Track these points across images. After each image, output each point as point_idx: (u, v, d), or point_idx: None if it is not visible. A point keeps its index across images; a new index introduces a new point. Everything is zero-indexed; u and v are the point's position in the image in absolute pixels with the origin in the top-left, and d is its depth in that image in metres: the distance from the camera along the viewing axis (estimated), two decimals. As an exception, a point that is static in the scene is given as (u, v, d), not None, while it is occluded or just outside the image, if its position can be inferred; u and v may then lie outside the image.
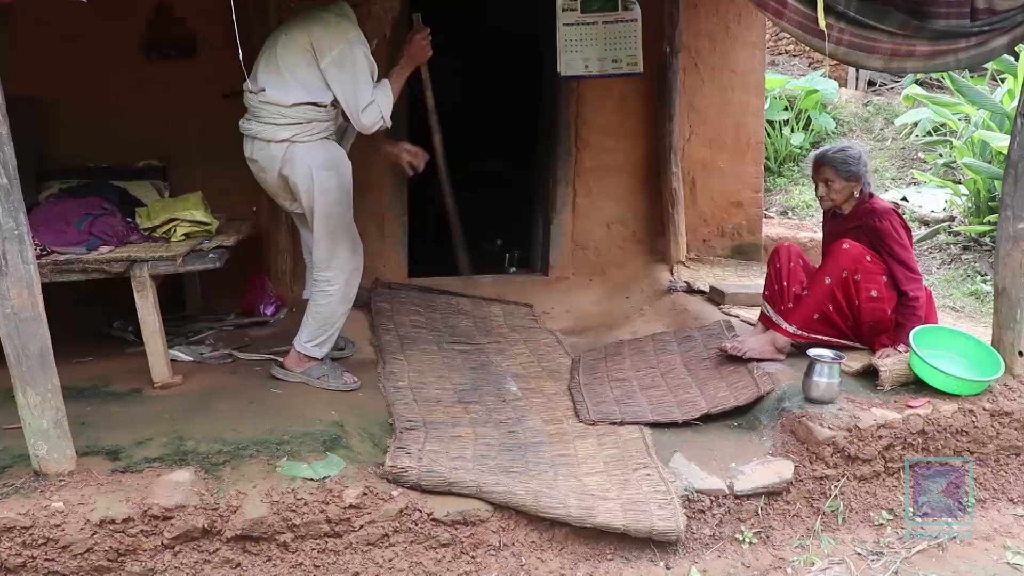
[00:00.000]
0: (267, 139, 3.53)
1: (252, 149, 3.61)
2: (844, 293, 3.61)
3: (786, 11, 3.07)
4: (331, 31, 3.43)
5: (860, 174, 3.70)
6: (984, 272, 5.98)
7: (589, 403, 3.70)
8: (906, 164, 8.24)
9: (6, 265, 2.58)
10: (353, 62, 3.43)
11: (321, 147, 3.56)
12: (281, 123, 3.48)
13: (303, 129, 3.49)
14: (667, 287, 5.13)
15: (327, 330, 3.70)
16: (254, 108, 3.56)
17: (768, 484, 3.08)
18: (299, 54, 3.45)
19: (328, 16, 3.48)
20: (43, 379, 2.68)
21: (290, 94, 3.44)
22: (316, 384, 3.64)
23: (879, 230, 3.63)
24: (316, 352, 3.69)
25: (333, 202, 3.58)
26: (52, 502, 2.61)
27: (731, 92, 5.58)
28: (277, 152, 3.52)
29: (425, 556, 2.81)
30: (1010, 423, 3.33)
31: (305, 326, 3.70)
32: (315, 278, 3.70)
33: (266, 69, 3.50)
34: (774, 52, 10.17)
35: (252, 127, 3.57)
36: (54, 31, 4.44)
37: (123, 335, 4.31)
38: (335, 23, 3.46)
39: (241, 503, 2.70)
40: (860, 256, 3.59)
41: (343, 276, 3.65)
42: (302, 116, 3.48)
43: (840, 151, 3.74)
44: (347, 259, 3.66)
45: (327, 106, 3.51)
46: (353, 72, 3.44)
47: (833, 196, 3.74)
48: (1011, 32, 3.18)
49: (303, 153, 3.51)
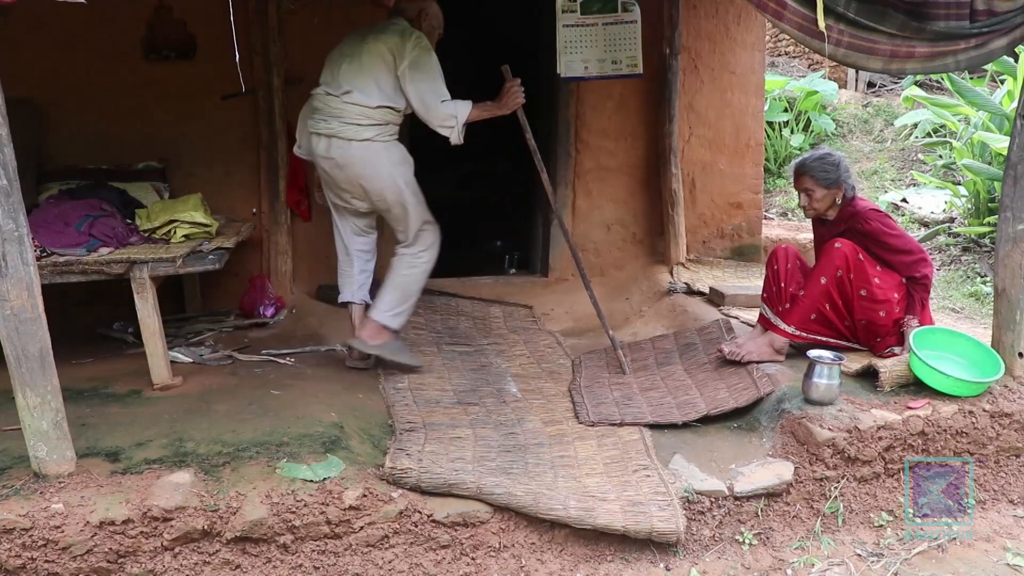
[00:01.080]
0: (348, 138, 3.79)
1: (329, 147, 3.84)
2: (840, 292, 3.61)
3: (786, 12, 3.07)
4: (406, 39, 3.76)
5: (840, 180, 3.68)
6: (984, 273, 5.98)
7: (589, 404, 3.70)
8: (906, 165, 8.25)
9: (6, 266, 2.58)
10: (429, 66, 3.77)
11: (395, 146, 3.90)
12: (364, 124, 3.78)
13: (382, 130, 3.82)
14: (667, 288, 5.13)
15: (406, 301, 4.00)
16: (336, 109, 3.80)
17: (768, 485, 3.08)
18: (379, 61, 3.77)
19: (400, 26, 3.84)
20: (43, 380, 2.68)
21: (373, 97, 3.76)
22: (389, 357, 3.96)
23: (869, 232, 3.63)
24: (394, 322, 3.98)
25: (411, 192, 3.92)
26: (52, 504, 2.61)
27: (731, 93, 5.59)
28: (358, 150, 3.80)
29: (425, 558, 2.81)
30: (1010, 424, 3.33)
31: (386, 295, 3.97)
32: (402, 252, 4.01)
33: (350, 73, 3.79)
34: (774, 53, 10.18)
35: (332, 126, 3.80)
36: (54, 33, 4.45)
37: (123, 336, 4.31)
38: (408, 32, 3.80)
39: (241, 505, 2.70)
40: (853, 254, 3.59)
41: (430, 252, 4.01)
42: (382, 118, 3.80)
43: (818, 159, 3.71)
44: (430, 236, 4.00)
45: (400, 111, 3.84)
46: (429, 74, 3.76)
47: (815, 205, 3.74)
48: (1010, 33, 3.18)
49: (382, 151, 3.83)
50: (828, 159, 3.71)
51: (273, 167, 4.83)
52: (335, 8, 4.81)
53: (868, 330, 3.65)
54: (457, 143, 3.84)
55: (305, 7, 4.72)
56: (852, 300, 3.61)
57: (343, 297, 4.15)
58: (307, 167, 4.96)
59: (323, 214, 5.02)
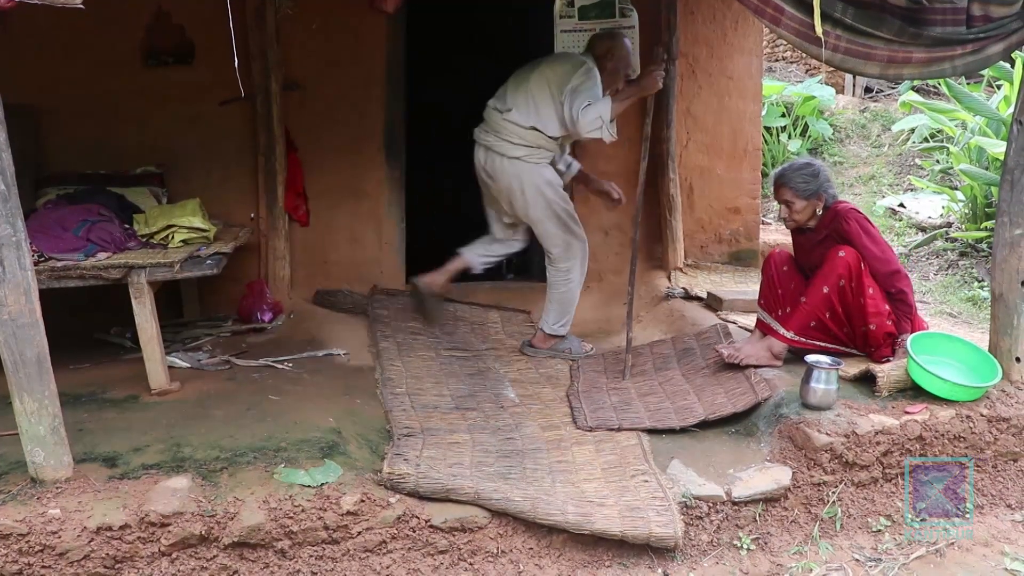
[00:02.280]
0: (501, 153, 4.11)
1: (485, 159, 4.18)
2: (841, 300, 3.60)
3: (783, 18, 3.08)
4: (575, 69, 4.01)
5: (820, 191, 3.67)
6: (981, 278, 5.98)
7: (587, 409, 3.70)
8: (903, 170, 8.26)
9: (4, 271, 2.58)
10: (588, 92, 3.95)
11: (546, 168, 4.17)
12: (516, 142, 4.08)
13: (532, 152, 4.10)
14: (665, 293, 5.13)
15: (568, 311, 4.40)
16: (496, 124, 4.12)
17: (766, 490, 3.08)
18: (544, 87, 4.03)
19: (577, 60, 4.11)
20: (40, 386, 2.68)
21: (529, 119, 4.04)
22: (563, 356, 4.37)
23: (846, 232, 3.62)
24: (562, 331, 4.42)
25: (560, 211, 4.21)
26: (49, 509, 2.61)
27: (728, 99, 5.59)
28: (507, 167, 4.10)
29: (423, 563, 2.81)
30: (1007, 429, 3.34)
31: (550, 311, 4.40)
32: (552, 270, 4.35)
33: (515, 93, 4.08)
34: (771, 59, 10.20)
35: (490, 140, 4.14)
36: (52, 38, 4.45)
37: (120, 341, 4.31)
38: (579, 63, 4.05)
39: (238, 510, 2.70)
40: (856, 262, 3.57)
41: (579, 266, 4.34)
42: (533, 140, 4.07)
43: (798, 171, 3.68)
44: (579, 251, 4.31)
45: (551, 137, 4.09)
46: (585, 95, 3.94)
47: (796, 216, 3.72)
48: (1007, 39, 3.20)
49: (528, 171, 4.11)
50: (807, 170, 3.68)
51: (271, 172, 4.83)
52: (333, 13, 4.82)
53: (865, 338, 3.65)
54: (611, 140, 4.02)
55: (303, 12, 4.73)
56: (852, 308, 3.60)
57: (463, 248, 4.42)
58: (305, 172, 4.98)
59: (321, 219, 5.04)
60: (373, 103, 5.01)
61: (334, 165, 5.00)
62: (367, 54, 4.94)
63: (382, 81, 5.00)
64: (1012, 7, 3.13)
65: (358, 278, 5.11)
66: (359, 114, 4.99)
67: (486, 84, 4.37)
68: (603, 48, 4.12)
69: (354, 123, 4.99)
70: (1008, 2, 3.13)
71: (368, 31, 4.91)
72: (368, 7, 4.45)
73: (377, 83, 4.99)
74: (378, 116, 5.03)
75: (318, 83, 4.89)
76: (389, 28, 4.96)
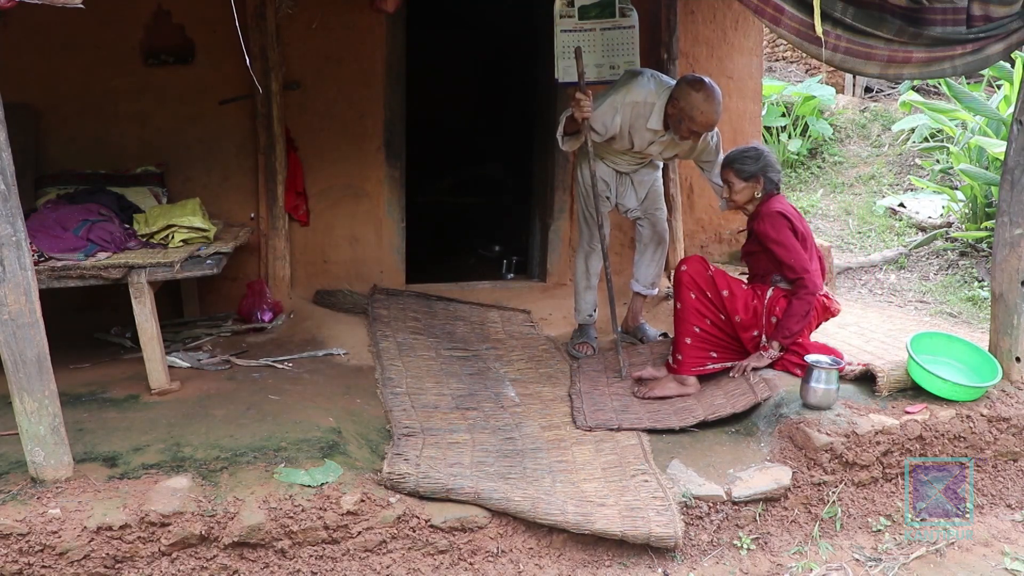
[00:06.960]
0: None
1: None
2: (702, 306, 3.71)
3: (783, 18, 3.08)
4: (625, 83, 4.17)
5: (758, 174, 3.70)
6: (981, 278, 5.99)
7: (587, 409, 3.70)
8: (903, 170, 8.27)
9: (4, 271, 2.58)
10: (600, 95, 4.14)
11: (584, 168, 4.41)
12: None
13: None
14: (666, 293, 5.13)
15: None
16: None
17: (766, 490, 3.08)
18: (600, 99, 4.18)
19: (631, 78, 4.19)
20: (40, 385, 2.68)
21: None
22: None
23: (757, 233, 3.70)
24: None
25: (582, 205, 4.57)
26: (49, 509, 2.61)
27: (728, 98, 5.57)
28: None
29: (423, 563, 2.81)
30: (1008, 429, 3.34)
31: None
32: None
33: None
34: (771, 58, 10.20)
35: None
36: (52, 37, 4.45)
37: (120, 341, 4.31)
38: (625, 80, 4.19)
39: (238, 510, 2.70)
40: (702, 270, 3.69)
41: (580, 260, 4.74)
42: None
43: (742, 152, 3.76)
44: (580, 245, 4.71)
45: (601, 134, 4.22)
46: (598, 99, 4.12)
47: (734, 197, 3.78)
48: (1007, 39, 3.20)
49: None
50: (750, 152, 3.75)
51: (271, 172, 4.83)
52: (333, 13, 4.82)
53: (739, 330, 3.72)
54: (563, 149, 4.27)
55: (303, 12, 4.73)
56: (723, 301, 3.69)
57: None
58: (305, 172, 4.98)
59: (321, 219, 5.04)
60: (373, 102, 5.01)
61: (334, 164, 5.00)
62: (367, 53, 4.94)
63: (382, 80, 5.00)
64: (1012, 7, 3.14)
65: (358, 278, 5.11)
66: (359, 113, 4.99)
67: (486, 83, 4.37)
68: (677, 90, 4.04)
69: (354, 122, 4.99)
70: (1008, 2, 3.13)
71: (368, 30, 4.91)
72: (368, 7, 4.46)
73: (377, 82, 4.99)
74: (378, 115, 5.03)
75: (318, 82, 4.89)
76: (389, 27, 4.97)
